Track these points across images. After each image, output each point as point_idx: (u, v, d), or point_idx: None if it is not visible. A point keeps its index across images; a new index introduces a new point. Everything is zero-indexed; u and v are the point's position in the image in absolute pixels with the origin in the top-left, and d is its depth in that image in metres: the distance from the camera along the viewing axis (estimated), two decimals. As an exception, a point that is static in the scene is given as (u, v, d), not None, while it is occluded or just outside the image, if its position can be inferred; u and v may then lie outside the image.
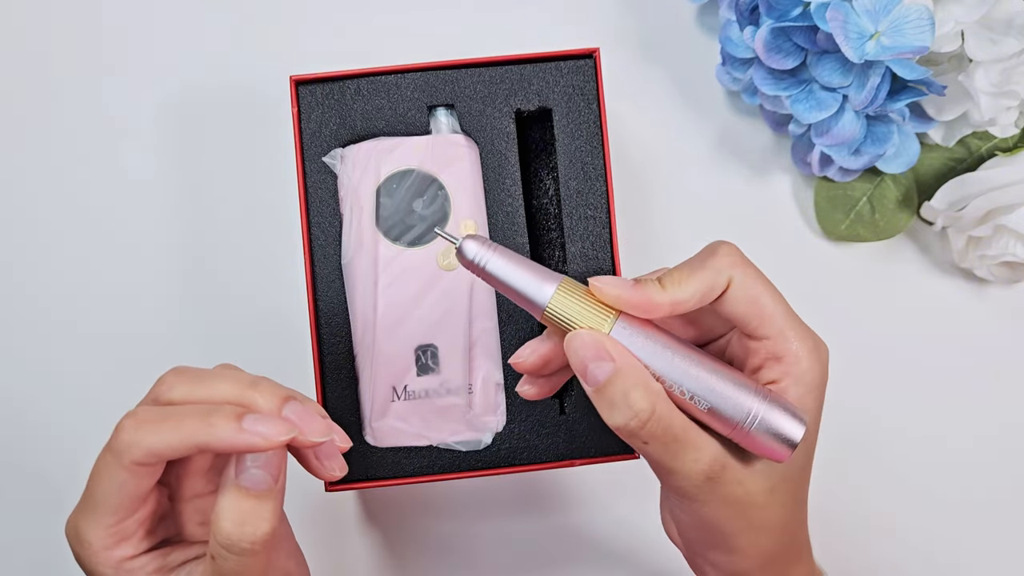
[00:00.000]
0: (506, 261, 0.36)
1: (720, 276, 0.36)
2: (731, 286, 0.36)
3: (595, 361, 0.35)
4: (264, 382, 0.36)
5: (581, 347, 0.35)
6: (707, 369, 0.35)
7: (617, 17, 0.57)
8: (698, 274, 0.36)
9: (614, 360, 0.35)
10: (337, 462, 0.38)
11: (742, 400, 0.35)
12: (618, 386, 0.34)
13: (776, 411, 0.35)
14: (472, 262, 0.36)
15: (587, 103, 0.48)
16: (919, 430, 0.56)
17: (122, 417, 0.34)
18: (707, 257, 0.37)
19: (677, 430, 0.35)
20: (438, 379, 0.47)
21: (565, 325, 0.35)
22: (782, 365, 0.36)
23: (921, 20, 0.45)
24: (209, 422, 0.33)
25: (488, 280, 0.36)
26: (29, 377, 0.55)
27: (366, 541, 0.55)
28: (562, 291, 0.35)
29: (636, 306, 0.35)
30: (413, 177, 0.47)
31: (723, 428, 0.36)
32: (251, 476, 0.34)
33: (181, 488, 0.39)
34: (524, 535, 0.55)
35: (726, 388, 0.35)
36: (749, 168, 0.57)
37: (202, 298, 0.55)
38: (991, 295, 0.57)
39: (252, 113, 0.55)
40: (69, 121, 0.56)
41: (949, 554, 0.56)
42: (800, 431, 0.35)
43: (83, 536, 0.35)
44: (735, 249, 0.37)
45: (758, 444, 0.35)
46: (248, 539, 0.34)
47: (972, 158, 0.54)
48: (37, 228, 0.55)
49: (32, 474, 0.54)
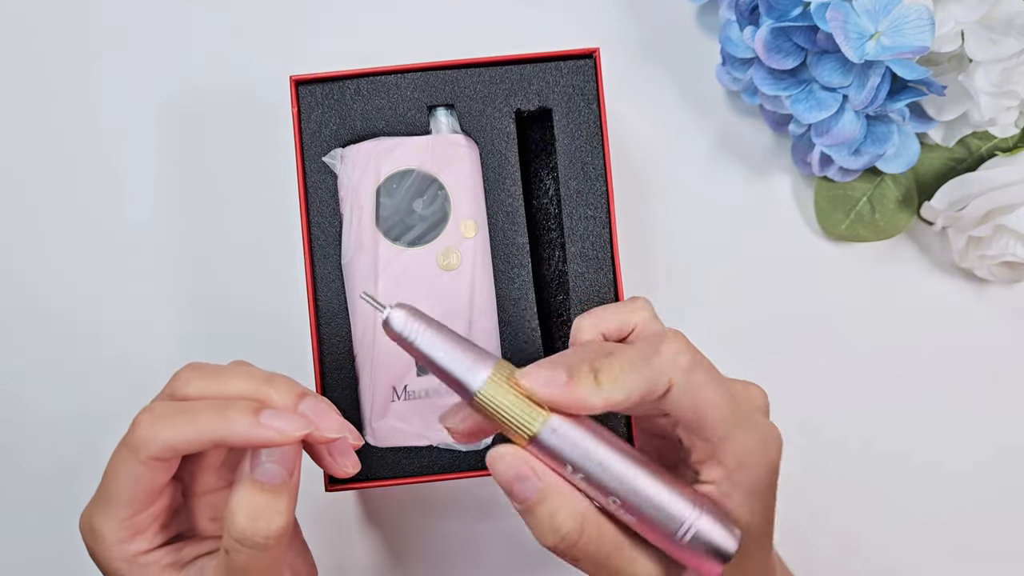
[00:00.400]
0: (437, 338, 0.33)
1: (661, 379, 0.33)
2: (671, 390, 0.34)
3: (520, 481, 0.33)
4: (279, 378, 0.36)
5: (505, 468, 0.33)
6: (642, 475, 0.34)
7: (617, 17, 0.57)
8: (637, 372, 0.33)
9: (540, 480, 0.33)
10: (350, 459, 0.38)
11: (675, 510, 0.33)
12: (544, 509, 0.33)
13: (709, 522, 0.33)
14: (400, 335, 0.33)
15: (587, 103, 0.48)
16: (919, 430, 0.56)
17: (139, 412, 0.35)
18: (650, 354, 0.34)
19: (609, 547, 0.34)
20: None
21: (495, 415, 0.33)
22: (722, 468, 0.35)
23: (921, 20, 0.45)
24: (225, 416, 0.34)
25: (416, 356, 0.34)
26: (29, 378, 0.55)
27: (366, 541, 0.55)
28: (495, 378, 0.33)
29: (567, 406, 0.33)
30: (413, 177, 0.47)
31: (654, 538, 0.34)
32: (266, 470, 0.34)
33: (194, 483, 0.39)
34: (524, 535, 0.55)
35: (660, 496, 0.33)
36: (749, 168, 0.57)
37: (202, 298, 0.55)
38: (991, 295, 0.57)
39: (252, 113, 0.55)
40: (69, 122, 0.56)
41: (958, 550, 0.56)
42: (733, 545, 0.34)
43: (97, 530, 0.35)
44: (682, 347, 0.34)
45: (689, 557, 0.34)
46: (262, 533, 0.34)
47: (972, 158, 0.54)
48: (37, 228, 0.55)
49: (31, 474, 0.54)
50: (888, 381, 0.56)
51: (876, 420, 0.56)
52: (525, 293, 0.48)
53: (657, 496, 0.34)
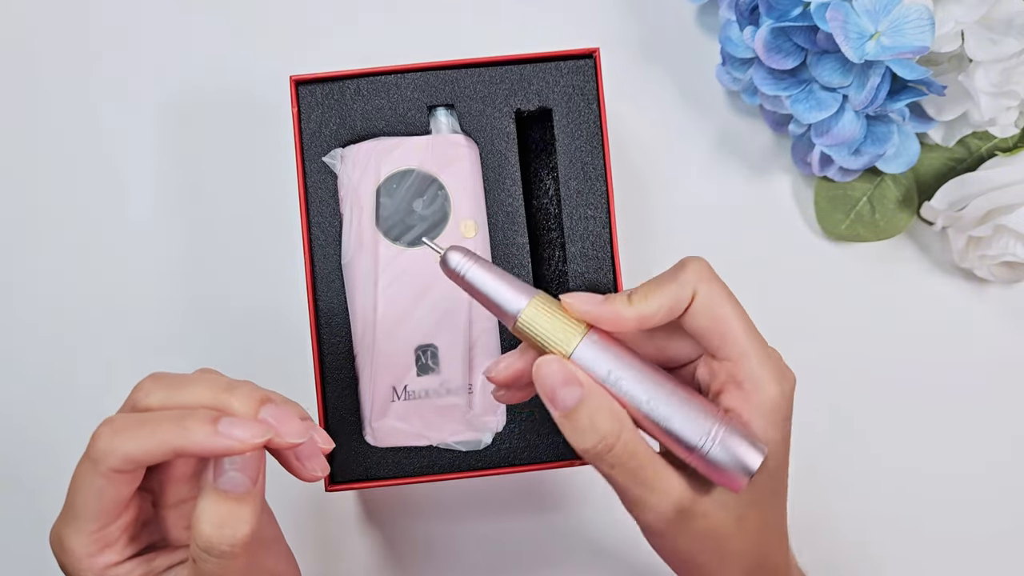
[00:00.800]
0: (485, 272, 0.36)
1: (685, 289, 0.36)
2: (695, 300, 0.36)
3: (563, 387, 0.35)
4: (241, 385, 0.36)
5: (549, 374, 0.35)
6: (668, 390, 0.35)
7: (617, 17, 0.57)
8: (664, 287, 0.36)
9: (582, 385, 0.35)
10: (318, 462, 0.38)
11: (701, 423, 0.35)
12: (585, 410, 0.35)
13: (734, 437, 0.35)
14: (454, 271, 0.37)
15: (587, 103, 0.48)
16: (918, 430, 0.56)
17: (99, 425, 0.35)
18: (676, 272, 0.37)
19: (643, 457, 0.35)
20: (438, 379, 0.47)
21: (535, 338, 0.36)
22: (742, 391, 0.36)
23: (921, 20, 0.45)
24: (184, 426, 0.34)
25: (467, 290, 0.37)
26: (29, 379, 0.55)
27: (366, 541, 0.55)
28: (534, 305, 0.36)
29: (604, 320, 0.36)
30: (413, 177, 0.47)
31: (681, 452, 0.35)
32: (229, 479, 0.34)
33: (165, 494, 0.39)
34: (524, 535, 0.55)
35: (686, 409, 0.35)
36: (749, 168, 0.57)
37: (202, 298, 0.55)
38: (991, 295, 0.57)
39: (252, 113, 0.55)
40: (69, 122, 0.56)
41: (958, 552, 0.56)
42: (758, 459, 0.35)
43: (66, 544, 0.35)
44: (704, 264, 0.37)
45: (715, 470, 0.35)
46: (228, 541, 0.34)
47: (972, 158, 0.54)
48: (36, 229, 0.55)
49: (30, 475, 0.54)
50: (888, 381, 0.56)
51: (876, 419, 0.56)
52: (525, 293, 0.48)
53: (684, 408, 0.35)
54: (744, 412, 0.36)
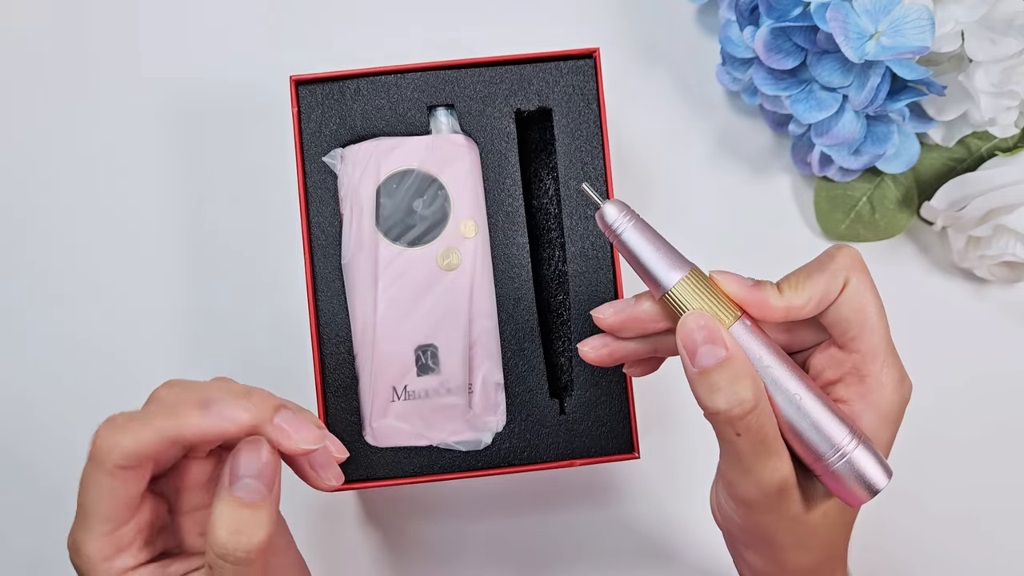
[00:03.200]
0: (641, 235, 0.35)
1: (836, 279, 0.35)
2: (847, 288, 0.35)
3: (708, 344, 0.34)
4: (257, 392, 0.36)
5: (697, 328, 0.35)
6: (811, 396, 0.35)
7: (617, 17, 0.57)
8: (815, 278, 0.35)
9: (727, 348, 0.34)
10: (333, 472, 0.38)
11: (836, 436, 0.34)
12: (726, 372, 0.34)
13: (866, 455, 0.34)
14: (609, 227, 0.35)
15: (587, 103, 0.48)
16: (918, 430, 0.56)
17: (100, 425, 0.35)
18: (826, 261, 0.36)
19: (769, 432, 0.35)
20: (438, 379, 0.47)
21: (682, 312, 0.35)
22: (862, 386, 0.36)
23: (921, 20, 0.45)
24: (176, 413, 0.34)
25: (619, 247, 0.36)
26: (31, 380, 0.55)
27: (366, 541, 0.55)
28: (689, 279, 0.35)
29: (751, 304, 0.35)
30: (413, 177, 0.47)
31: (806, 456, 0.35)
32: (245, 486, 0.34)
33: (180, 500, 0.39)
34: (524, 535, 0.55)
35: (824, 419, 0.35)
36: (749, 168, 0.57)
37: (202, 298, 0.55)
38: (991, 295, 0.57)
39: (252, 113, 0.55)
40: (70, 122, 0.56)
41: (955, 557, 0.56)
42: (884, 481, 0.35)
43: (81, 549, 0.35)
44: (856, 254, 0.36)
45: (837, 482, 0.35)
46: (243, 548, 0.34)
47: (972, 158, 0.54)
48: (36, 229, 0.55)
49: (32, 476, 0.54)
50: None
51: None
52: (525, 293, 0.48)
53: (823, 417, 0.34)
54: (857, 406, 0.36)
